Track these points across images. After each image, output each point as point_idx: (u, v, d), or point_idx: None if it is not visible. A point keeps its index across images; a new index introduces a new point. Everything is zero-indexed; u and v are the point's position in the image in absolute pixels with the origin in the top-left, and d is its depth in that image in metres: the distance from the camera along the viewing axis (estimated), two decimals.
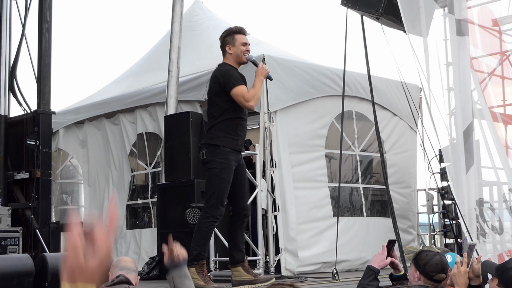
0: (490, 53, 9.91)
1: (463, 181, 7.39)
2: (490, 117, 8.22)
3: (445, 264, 4.06)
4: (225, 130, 5.90)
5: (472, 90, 7.88)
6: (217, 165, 5.84)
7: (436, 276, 4.00)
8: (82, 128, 10.73)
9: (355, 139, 9.10)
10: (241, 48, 6.00)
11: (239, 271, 5.95)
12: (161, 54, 10.03)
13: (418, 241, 9.71)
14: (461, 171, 7.50)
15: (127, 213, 9.94)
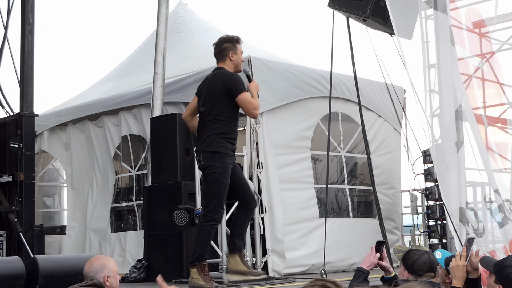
0: (477, 54, 10.03)
1: (448, 181, 7.46)
2: (474, 119, 8.29)
3: (433, 263, 4.11)
4: (222, 135, 6.03)
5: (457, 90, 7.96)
6: (216, 170, 5.98)
7: (424, 274, 4.05)
8: (66, 131, 10.64)
9: (340, 140, 9.15)
10: (241, 58, 6.29)
11: (236, 260, 6.11)
12: (145, 55, 10.00)
13: (402, 242, 9.77)
14: (446, 171, 7.57)
15: (111, 216, 9.88)
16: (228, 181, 6.00)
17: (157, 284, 7.00)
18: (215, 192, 5.99)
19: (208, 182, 6.11)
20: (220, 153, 5.97)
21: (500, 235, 7.77)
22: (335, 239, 8.52)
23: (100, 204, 10.01)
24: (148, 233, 8.03)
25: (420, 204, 9.49)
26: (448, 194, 7.20)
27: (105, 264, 4.21)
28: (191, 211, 7.16)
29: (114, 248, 9.56)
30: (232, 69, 6.24)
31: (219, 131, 6.03)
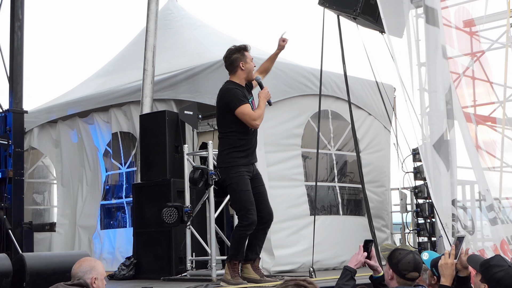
0: (466, 53, 10.04)
1: (437, 180, 7.47)
2: (463, 117, 8.30)
3: (418, 263, 4.11)
4: (233, 149, 6.20)
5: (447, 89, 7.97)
6: (232, 180, 6.21)
7: (408, 274, 4.05)
8: (56, 127, 10.60)
9: (331, 138, 9.15)
10: (252, 65, 6.35)
11: (248, 268, 6.32)
12: (135, 52, 9.96)
13: (391, 240, 9.79)
14: (436, 170, 7.58)
15: (101, 213, 9.86)
16: (249, 187, 6.17)
17: (146, 281, 7.03)
18: (238, 201, 6.24)
19: (230, 194, 6.42)
20: (232, 167, 6.19)
21: (490, 233, 7.79)
22: (325, 237, 8.52)
23: (90, 201, 9.98)
24: (137, 231, 8.02)
25: (410, 202, 9.51)
26: (437, 192, 7.21)
27: (94, 266, 4.21)
28: (180, 209, 7.16)
29: (104, 245, 9.54)
30: (244, 78, 6.32)
31: (229, 146, 6.24)
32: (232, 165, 6.18)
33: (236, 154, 6.19)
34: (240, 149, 6.20)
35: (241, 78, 6.31)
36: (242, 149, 6.20)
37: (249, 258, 6.34)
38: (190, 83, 8.57)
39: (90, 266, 4.19)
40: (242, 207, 6.17)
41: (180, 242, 7.53)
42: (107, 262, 9.21)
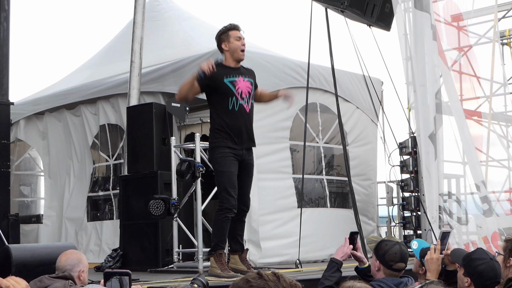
0: (455, 48, 10.07)
1: (425, 173, 7.53)
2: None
3: (405, 254, 4.14)
4: (215, 130, 6.08)
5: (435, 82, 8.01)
6: (216, 161, 6.09)
7: (395, 265, 4.08)
8: (43, 119, 10.55)
9: (319, 131, 9.17)
10: (236, 44, 6.10)
11: (235, 259, 6.22)
12: (123, 44, 9.92)
13: (377, 232, 9.84)
14: (423, 163, 7.64)
15: (88, 205, 9.83)
16: (232, 169, 5.99)
17: (132, 272, 7.00)
18: (219, 182, 6.07)
19: (214, 175, 6.25)
20: (216, 147, 6.05)
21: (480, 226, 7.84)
22: (312, 229, 8.55)
23: (77, 193, 9.95)
24: (124, 223, 8.00)
25: (396, 196, 9.55)
26: (425, 186, 7.27)
27: (81, 259, 4.22)
28: (167, 201, 7.15)
29: (90, 237, 9.52)
30: (230, 59, 6.13)
31: (213, 126, 6.12)
32: (216, 145, 6.04)
33: (219, 134, 6.03)
34: (222, 130, 6.02)
35: (228, 59, 6.13)
36: (224, 130, 6.01)
37: (234, 249, 6.26)
38: (178, 76, 8.54)
39: (77, 259, 4.19)
40: (222, 188, 6.01)
41: (167, 234, 7.53)
42: (93, 254, 9.21)
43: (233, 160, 6.02)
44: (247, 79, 6.17)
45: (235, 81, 6.08)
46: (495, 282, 3.80)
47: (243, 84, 6.12)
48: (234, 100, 6.01)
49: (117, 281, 2.58)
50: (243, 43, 6.15)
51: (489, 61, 10.61)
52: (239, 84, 6.08)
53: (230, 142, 6.02)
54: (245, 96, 6.11)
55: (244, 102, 6.09)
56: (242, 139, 6.09)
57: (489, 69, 10.61)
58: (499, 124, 11.12)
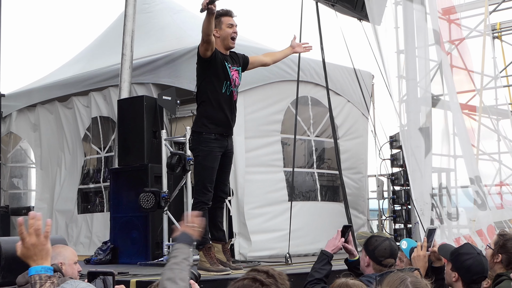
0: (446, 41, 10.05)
1: (413, 167, 7.54)
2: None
3: (394, 250, 4.16)
4: (205, 116, 5.95)
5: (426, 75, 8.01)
6: (200, 153, 5.98)
7: (384, 260, 4.10)
8: (34, 111, 10.53)
9: (310, 124, 9.17)
10: (227, 31, 5.96)
11: (218, 248, 6.16)
12: (115, 37, 9.89)
13: (368, 226, 9.87)
14: (412, 157, 7.65)
15: (78, 198, 9.82)
16: (214, 165, 5.96)
17: (122, 266, 6.98)
18: (199, 175, 6.00)
19: (194, 165, 6.21)
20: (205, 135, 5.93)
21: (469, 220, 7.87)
22: (303, 223, 8.57)
23: (68, 185, 9.94)
24: (114, 215, 8.00)
25: (386, 189, 9.58)
26: (414, 180, 7.28)
27: (60, 251, 4.20)
28: (157, 194, 7.16)
29: (81, 229, 9.51)
30: (221, 47, 5.99)
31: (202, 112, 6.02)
32: (203, 134, 5.94)
33: (207, 121, 5.94)
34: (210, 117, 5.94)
35: (219, 46, 5.98)
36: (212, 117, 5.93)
37: (216, 237, 6.19)
38: (170, 68, 8.53)
39: (55, 253, 4.17)
40: (202, 182, 5.95)
41: (157, 227, 7.54)
42: (84, 246, 9.21)
43: (218, 154, 5.99)
44: (235, 68, 6.13)
45: (230, 67, 6.05)
46: (482, 276, 3.83)
47: (234, 73, 6.10)
48: (228, 84, 5.98)
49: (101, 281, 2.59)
50: (235, 30, 6.01)
51: (480, 55, 10.62)
52: (232, 71, 6.06)
53: (216, 130, 5.95)
54: (236, 84, 6.11)
55: (235, 90, 6.10)
56: (227, 126, 6.03)
57: (480, 63, 10.62)
58: (490, 117, 11.14)
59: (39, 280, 2.35)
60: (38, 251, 2.38)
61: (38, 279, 2.34)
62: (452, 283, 3.81)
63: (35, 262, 2.37)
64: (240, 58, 6.28)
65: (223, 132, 6.01)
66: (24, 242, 2.37)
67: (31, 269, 2.37)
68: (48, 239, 2.41)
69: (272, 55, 6.71)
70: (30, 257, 2.38)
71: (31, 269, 2.37)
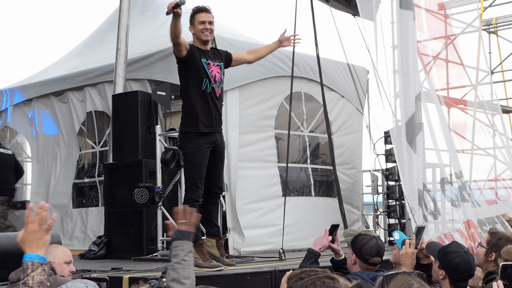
0: (435, 37, 10.07)
1: (407, 163, 7.57)
2: (438, 99, 8.37)
3: (381, 249, 4.18)
4: (190, 114, 6.03)
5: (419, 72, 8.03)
6: (188, 150, 6.06)
7: (371, 259, 4.13)
8: (30, 105, 10.55)
9: (303, 120, 9.19)
10: (198, 27, 6.08)
11: (212, 243, 6.21)
12: (110, 32, 9.89)
13: (362, 221, 9.90)
14: (405, 153, 7.68)
15: (73, 192, 9.84)
16: (203, 161, 6.00)
17: (116, 261, 7.00)
18: (188, 172, 6.09)
19: (183, 163, 6.30)
20: (191, 132, 6.01)
21: (458, 215, 7.91)
22: (296, 218, 8.60)
23: (63, 179, 9.96)
24: (109, 210, 8.03)
25: (381, 184, 9.61)
26: (406, 175, 7.30)
27: (51, 250, 4.20)
28: (151, 189, 7.19)
29: (76, 224, 9.53)
30: (197, 42, 6.13)
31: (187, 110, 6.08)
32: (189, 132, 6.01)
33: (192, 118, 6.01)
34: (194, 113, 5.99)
35: (197, 43, 6.14)
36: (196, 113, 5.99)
37: (211, 232, 6.24)
38: (165, 63, 8.53)
39: (47, 251, 4.20)
40: (191, 179, 6.02)
41: (151, 223, 7.57)
42: (79, 241, 9.24)
43: (206, 150, 6.03)
44: (216, 64, 6.17)
45: (209, 63, 6.09)
46: (469, 275, 3.86)
47: (215, 68, 6.13)
48: (207, 81, 6.03)
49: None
50: (206, 26, 6.08)
51: (474, 50, 10.63)
52: (212, 67, 6.10)
53: (202, 127, 6.00)
54: (218, 80, 6.13)
55: (216, 86, 6.11)
56: (212, 122, 6.07)
57: (474, 58, 10.63)
58: (485, 112, 11.16)
59: (31, 266, 2.42)
60: (36, 239, 2.47)
61: (30, 265, 2.42)
62: (439, 281, 3.84)
63: (30, 249, 2.45)
64: (222, 55, 6.33)
65: (209, 129, 6.05)
66: (27, 227, 2.47)
67: (26, 256, 2.44)
68: (49, 232, 2.51)
69: (256, 52, 6.73)
70: (27, 243, 2.46)
71: (26, 255, 2.44)
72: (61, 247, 4.44)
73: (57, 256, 4.21)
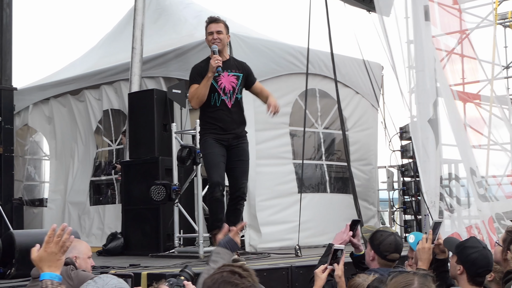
0: (448, 32, 10.02)
1: (424, 158, 7.55)
2: (451, 95, 8.34)
3: (399, 245, 4.20)
4: (202, 122, 6.22)
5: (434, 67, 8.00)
6: (201, 148, 6.29)
7: (389, 255, 4.14)
8: (48, 104, 10.65)
9: (318, 116, 9.20)
10: (208, 38, 6.21)
11: None
12: (125, 32, 9.96)
13: (378, 217, 9.89)
14: (421, 149, 7.66)
15: (90, 189, 9.93)
16: (211, 150, 6.06)
17: (134, 257, 7.03)
18: (204, 164, 6.24)
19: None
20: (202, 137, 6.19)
21: (474, 211, 7.88)
22: (312, 215, 8.62)
23: (80, 177, 10.05)
24: (126, 208, 8.10)
25: (396, 180, 9.60)
26: (424, 171, 7.29)
27: (75, 245, 4.26)
28: (168, 187, 7.22)
29: (93, 221, 9.62)
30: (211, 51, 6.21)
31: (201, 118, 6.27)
32: (201, 135, 6.23)
33: (205, 126, 6.15)
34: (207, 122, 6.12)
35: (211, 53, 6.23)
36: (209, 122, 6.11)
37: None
38: (180, 61, 8.59)
39: (71, 246, 4.25)
40: (207, 168, 6.14)
41: (168, 220, 7.61)
42: (96, 238, 9.32)
43: (215, 142, 6.09)
44: (232, 74, 6.16)
45: (218, 76, 6.06)
46: (487, 270, 3.88)
47: (227, 79, 6.12)
48: (216, 96, 6.07)
49: None
50: (214, 37, 6.14)
51: (489, 44, 10.57)
52: (222, 79, 6.09)
53: (215, 131, 6.09)
54: (228, 91, 6.12)
55: (227, 97, 6.11)
56: (226, 129, 6.12)
57: (489, 52, 10.56)
58: (502, 107, 11.09)
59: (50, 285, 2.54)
60: (55, 260, 2.56)
61: (50, 284, 2.53)
62: (456, 276, 3.85)
63: (49, 268, 2.54)
64: (245, 68, 6.32)
65: (219, 131, 6.12)
66: (47, 247, 2.54)
67: (45, 274, 2.54)
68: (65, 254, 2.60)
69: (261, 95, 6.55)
70: (46, 263, 2.54)
71: (45, 274, 2.54)
72: (83, 242, 4.51)
73: (81, 251, 4.28)
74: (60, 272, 4.09)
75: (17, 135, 10.70)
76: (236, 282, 2.33)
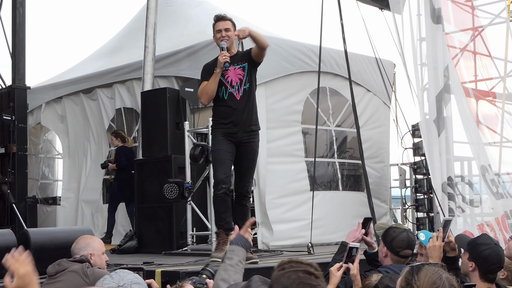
0: (462, 29, 9.98)
1: (435, 156, 7.55)
2: (462, 92, 8.32)
3: (412, 241, 4.21)
4: (215, 116, 6.25)
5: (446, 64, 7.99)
6: (211, 145, 6.35)
7: (402, 252, 4.15)
8: (61, 103, 10.72)
9: (329, 114, 9.21)
10: (216, 36, 6.24)
11: None
12: (137, 30, 10.00)
13: (390, 215, 9.89)
14: (434, 146, 7.66)
15: (103, 188, 9.99)
16: (217, 146, 6.13)
17: (147, 255, 7.07)
18: (212, 163, 6.31)
19: None
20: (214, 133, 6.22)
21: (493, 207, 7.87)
22: (324, 212, 8.63)
23: (93, 175, 10.12)
24: (139, 206, 8.14)
25: (409, 178, 9.58)
26: (434, 168, 7.28)
27: (89, 242, 4.32)
28: (180, 185, 7.26)
29: (106, 219, 9.67)
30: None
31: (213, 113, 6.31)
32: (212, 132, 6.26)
33: (216, 122, 6.20)
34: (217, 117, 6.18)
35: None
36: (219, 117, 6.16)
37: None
38: (192, 60, 8.62)
39: (85, 243, 4.31)
40: (214, 167, 6.22)
41: (181, 217, 7.65)
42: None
43: (224, 139, 6.12)
44: (238, 66, 6.21)
45: (226, 71, 6.12)
46: (499, 266, 3.88)
47: (233, 73, 6.17)
48: (223, 89, 6.13)
49: None
50: (222, 34, 6.18)
51: (502, 41, 10.53)
52: (229, 73, 6.15)
53: (225, 126, 6.13)
54: (236, 84, 6.16)
55: (235, 90, 6.15)
56: (234, 123, 6.14)
57: (502, 49, 10.52)
58: None
59: None
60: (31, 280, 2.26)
61: None
62: (468, 273, 3.86)
63: None
64: (245, 55, 6.34)
65: (228, 126, 6.14)
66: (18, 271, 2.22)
67: None
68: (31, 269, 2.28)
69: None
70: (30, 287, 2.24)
71: None
72: (96, 238, 4.55)
73: (95, 247, 4.32)
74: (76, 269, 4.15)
75: (30, 134, 10.80)
76: (314, 284, 2.33)
